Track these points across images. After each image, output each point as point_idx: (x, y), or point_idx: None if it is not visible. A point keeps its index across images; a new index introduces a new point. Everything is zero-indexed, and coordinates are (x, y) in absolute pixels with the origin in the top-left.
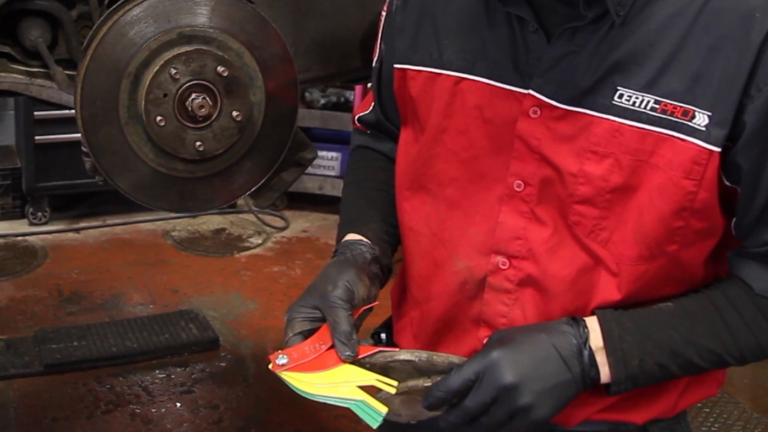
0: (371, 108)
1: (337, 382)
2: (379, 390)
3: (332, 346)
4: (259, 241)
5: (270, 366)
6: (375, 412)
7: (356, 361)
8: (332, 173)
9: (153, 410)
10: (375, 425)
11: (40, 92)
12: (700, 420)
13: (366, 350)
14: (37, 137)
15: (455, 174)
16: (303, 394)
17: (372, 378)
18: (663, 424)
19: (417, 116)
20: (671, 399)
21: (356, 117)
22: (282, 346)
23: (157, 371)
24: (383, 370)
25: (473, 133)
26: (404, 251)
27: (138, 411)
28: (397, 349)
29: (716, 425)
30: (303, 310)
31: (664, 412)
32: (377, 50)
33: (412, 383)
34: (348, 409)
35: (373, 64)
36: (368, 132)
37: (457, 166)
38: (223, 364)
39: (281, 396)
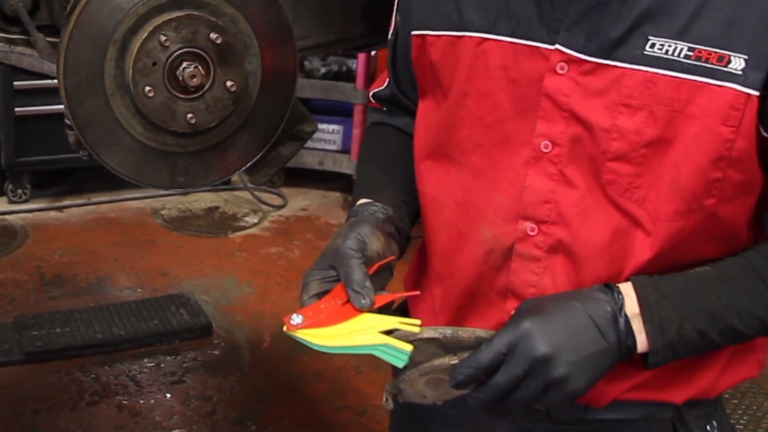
0: (386, 84)
1: (357, 331)
2: (403, 373)
3: (348, 301)
4: (255, 221)
5: (284, 328)
6: (400, 352)
7: (375, 311)
8: (333, 147)
9: (141, 401)
10: (401, 365)
11: (20, 61)
12: (728, 411)
13: (384, 299)
14: (17, 109)
15: (480, 140)
16: (322, 349)
17: (394, 321)
18: (700, 411)
19: (439, 83)
20: (710, 377)
21: (371, 94)
22: (280, 333)
23: (146, 360)
24: None
25: (497, 96)
26: (426, 225)
27: (125, 402)
28: (419, 329)
29: (745, 417)
30: (318, 273)
31: (703, 392)
32: (393, 22)
33: (437, 362)
34: (349, 402)
35: (389, 36)
36: (384, 109)
37: (482, 132)
38: (217, 352)
39: (279, 386)
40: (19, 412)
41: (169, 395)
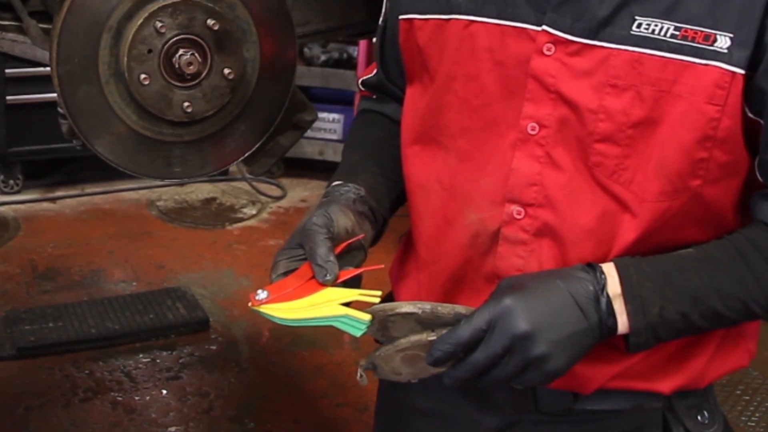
0: (375, 71)
1: (318, 304)
2: (378, 349)
3: (314, 276)
4: (254, 212)
5: (249, 303)
6: (358, 322)
7: (339, 285)
8: (333, 137)
9: (136, 398)
10: (359, 334)
11: (11, 48)
12: (740, 409)
13: (348, 273)
14: (8, 97)
15: (467, 123)
16: (284, 323)
17: (354, 293)
18: (690, 401)
19: (426, 67)
20: (699, 364)
21: (359, 81)
22: (279, 327)
23: (141, 355)
24: (382, 325)
25: (484, 78)
26: (412, 211)
27: (120, 399)
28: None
29: (757, 414)
30: (286, 252)
31: (693, 381)
32: (383, 9)
33: (414, 338)
34: (350, 399)
35: (379, 23)
36: (373, 97)
37: (469, 115)
38: (214, 347)
39: (277, 382)
40: (11, 409)
41: (165, 391)
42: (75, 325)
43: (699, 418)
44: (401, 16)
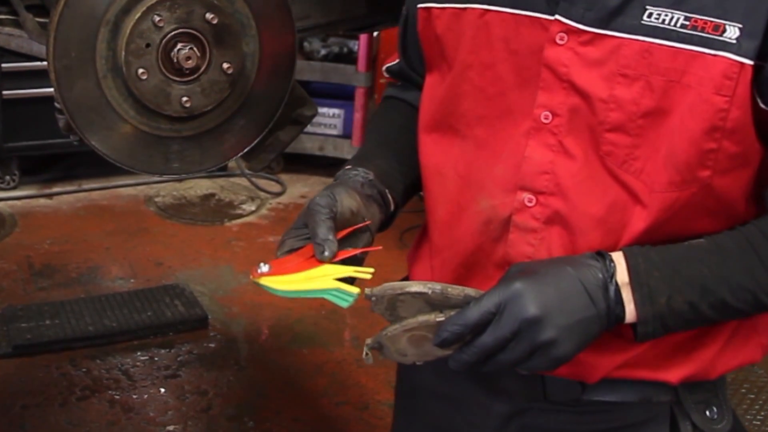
0: (397, 59)
1: (313, 278)
2: (386, 328)
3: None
4: (253, 208)
5: (251, 276)
6: (347, 294)
7: (337, 263)
8: (334, 132)
9: (134, 396)
10: (345, 305)
11: (8, 42)
12: (745, 407)
13: (347, 253)
14: (4, 92)
15: (483, 112)
16: (280, 294)
17: (349, 269)
18: (699, 396)
19: (444, 56)
20: (708, 355)
21: (384, 68)
22: (278, 325)
23: (139, 353)
24: (391, 304)
25: (499, 67)
26: (427, 197)
27: (117, 397)
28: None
29: (762, 413)
30: (293, 231)
31: (701, 372)
32: None
33: (422, 318)
34: (350, 397)
35: (402, 11)
36: (398, 84)
37: (485, 103)
38: (213, 345)
39: (277, 381)
40: (7, 407)
41: (163, 390)
42: (72, 322)
43: (707, 413)
44: (420, 5)
